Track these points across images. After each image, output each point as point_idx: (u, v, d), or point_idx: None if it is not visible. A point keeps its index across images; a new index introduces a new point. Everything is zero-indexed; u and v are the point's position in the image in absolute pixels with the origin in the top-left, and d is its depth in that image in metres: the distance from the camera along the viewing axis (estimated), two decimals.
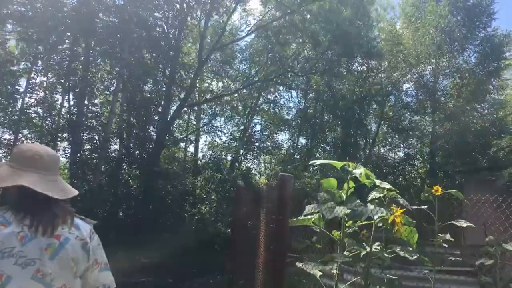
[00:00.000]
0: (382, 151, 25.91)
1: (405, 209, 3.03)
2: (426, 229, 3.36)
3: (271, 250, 3.06)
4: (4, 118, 16.35)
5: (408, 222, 3.03)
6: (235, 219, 5.46)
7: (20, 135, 16.61)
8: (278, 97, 25.31)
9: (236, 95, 23.78)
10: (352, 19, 21.18)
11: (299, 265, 3.24)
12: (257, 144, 23.97)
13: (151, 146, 18.72)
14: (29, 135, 17.29)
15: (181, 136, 23.00)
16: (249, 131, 24.59)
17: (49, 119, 17.88)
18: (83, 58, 17.71)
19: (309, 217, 3.27)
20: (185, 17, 19.18)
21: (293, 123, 25.08)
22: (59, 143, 17.58)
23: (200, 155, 24.01)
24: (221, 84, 25.24)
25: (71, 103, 17.82)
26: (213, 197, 20.23)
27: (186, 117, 23.91)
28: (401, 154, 25.28)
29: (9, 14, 15.12)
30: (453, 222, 3.56)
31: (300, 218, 3.26)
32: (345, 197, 3.28)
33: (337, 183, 3.37)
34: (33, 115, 17.35)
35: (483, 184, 9.78)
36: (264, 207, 3.89)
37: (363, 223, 3.15)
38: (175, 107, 20.29)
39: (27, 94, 16.65)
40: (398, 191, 3.20)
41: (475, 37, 23.07)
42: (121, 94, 18.40)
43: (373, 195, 3.31)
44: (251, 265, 4.34)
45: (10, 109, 16.52)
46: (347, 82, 23.73)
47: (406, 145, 24.67)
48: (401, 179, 23.09)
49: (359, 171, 3.16)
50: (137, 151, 19.19)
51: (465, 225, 3.52)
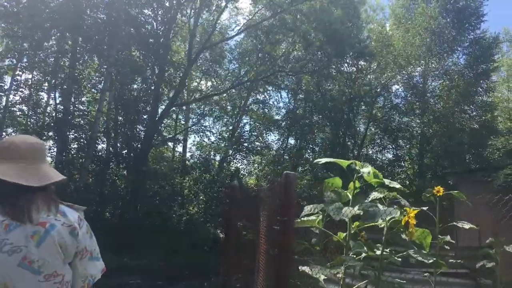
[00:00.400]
0: (370, 152, 25.89)
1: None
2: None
3: (275, 253, 2.88)
4: None
5: None
6: (228, 220, 5.27)
7: (4, 133, 16.22)
8: (267, 97, 25.25)
9: (225, 95, 23.70)
10: (343, 20, 21.13)
11: (302, 268, 3.08)
12: (246, 144, 23.79)
13: (139, 145, 18.48)
14: (13, 134, 16.86)
15: (169, 135, 22.72)
16: (238, 131, 24.40)
17: (34, 117, 17.57)
18: (70, 55, 17.39)
19: (313, 218, 3.13)
20: (174, 15, 18.93)
21: (282, 124, 24.95)
22: (44, 142, 17.20)
23: (188, 155, 23.77)
24: (210, 83, 25.17)
25: (57, 101, 17.56)
26: (201, 197, 20.06)
27: (174, 116, 23.66)
28: (390, 155, 25.32)
29: None
30: (455, 223, 3.46)
31: (304, 219, 3.11)
32: (351, 197, 3.14)
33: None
34: (18, 113, 17.02)
35: (477, 185, 9.75)
36: (265, 208, 3.72)
37: (369, 224, 3.01)
38: (163, 106, 20.06)
39: (12, 91, 16.33)
40: (408, 191, 3.08)
41: (465, 39, 23.29)
42: (109, 92, 18.07)
43: (374, 195, 3.19)
44: (248, 268, 4.17)
45: None
46: (337, 83, 23.73)
47: (394, 146, 24.67)
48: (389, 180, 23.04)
49: (367, 170, 3.04)
50: (125, 151, 18.97)
51: (467, 227, 3.42)
